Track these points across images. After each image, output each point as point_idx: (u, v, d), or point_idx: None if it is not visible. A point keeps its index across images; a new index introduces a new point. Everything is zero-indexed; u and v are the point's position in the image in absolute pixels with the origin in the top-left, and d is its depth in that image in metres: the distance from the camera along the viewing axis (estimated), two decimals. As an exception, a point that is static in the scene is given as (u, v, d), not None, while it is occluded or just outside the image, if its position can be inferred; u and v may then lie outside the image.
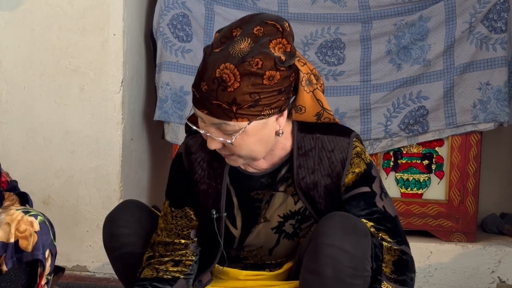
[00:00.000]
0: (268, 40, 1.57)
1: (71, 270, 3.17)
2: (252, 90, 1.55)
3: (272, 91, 1.58)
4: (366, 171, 1.77)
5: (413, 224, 3.22)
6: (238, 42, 1.57)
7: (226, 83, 1.54)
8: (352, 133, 1.79)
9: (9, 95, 3.17)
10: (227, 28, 1.63)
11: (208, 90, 1.56)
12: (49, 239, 1.92)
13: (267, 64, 1.55)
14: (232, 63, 1.54)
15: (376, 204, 1.76)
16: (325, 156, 1.76)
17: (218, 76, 1.55)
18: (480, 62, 3.08)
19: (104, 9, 3.10)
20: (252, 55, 1.54)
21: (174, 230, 1.87)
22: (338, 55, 3.23)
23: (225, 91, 1.54)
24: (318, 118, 1.77)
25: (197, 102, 1.61)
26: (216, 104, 1.56)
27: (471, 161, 3.15)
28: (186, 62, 3.23)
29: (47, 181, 3.17)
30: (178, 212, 1.87)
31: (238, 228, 1.85)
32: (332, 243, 1.62)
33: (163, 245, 1.88)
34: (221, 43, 1.59)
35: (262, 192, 1.81)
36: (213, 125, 1.61)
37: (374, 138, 3.18)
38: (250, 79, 1.54)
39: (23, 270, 1.90)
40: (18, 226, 1.85)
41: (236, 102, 1.55)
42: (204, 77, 1.57)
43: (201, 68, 1.59)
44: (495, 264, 3.04)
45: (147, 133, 3.50)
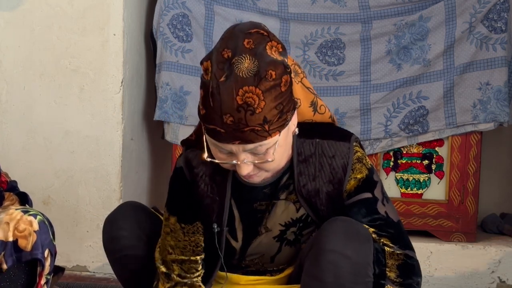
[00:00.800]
0: (263, 49, 1.55)
1: (71, 270, 3.17)
2: (277, 102, 1.53)
3: (288, 94, 1.57)
4: (368, 177, 1.75)
5: (413, 224, 3.22)
6: (240, 62, 1.53)
7: (253, 106, 1.50)
8: (351, 137, 1.78)
9: (9, 95, 3.17)
10: (215, 54, 1.57)
11: (235, 121, 1.51)
12: (48, 239, 1.92)
13: (279, 72, 1.54)
14: (251, 85, 1.51)
15: (378, 210, 1.74)
16: (325, 162, 1.74)
17: (242, 103, 1.50)
18: (480, 62, 3.08)
19: (104, 9, 3.10)
20: (263, 69, 1.52)
21: (189, 247, 1.85)
22: (338, 55, 3.23)
23: (254, 114, 1.51)
24: (314, 109, 1.75)
25: (223, 137, 1.55)
26: (248, 130, 1.52)
27: (471, 161, 3.15)
28: (186, 62, 3.24)
29: (47, 181, 3.17)
30: (190, 228, 1.84)
31: (239, 241, 1.84)
32: (333, 248, 1.61)
33: (178, 263, 1.85)
34: (221, 70, 1.54)
35: (264, 203, 1.80)
36: (245, 151, 1.58)
37: (374, 138, 3.18)
38: (271, 93, 1.52)
39: (23, 269, 1.90)
40: (17, 226, 1.86)
41: (267, 120, 1.53)
42: (224, 109, 1.51)
43: (215, 102, 1.52)
44: (495, 264, 3.04)
45: (147, 133, 3.50)
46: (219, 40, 1.60)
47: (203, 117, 1.57)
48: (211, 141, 1.59)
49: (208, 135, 1.59)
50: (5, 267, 1.85)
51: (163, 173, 3.60)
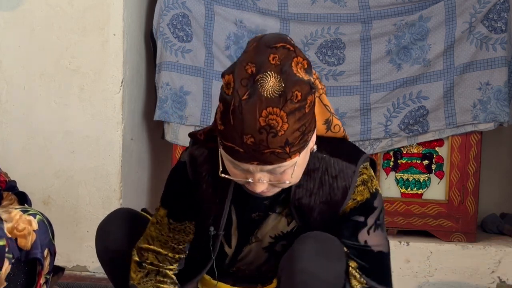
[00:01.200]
0: (289, 66, 1.48)
1: (71, 270, 3.17)
2: (300, 124, 1.48)
3: (311, 115, 1.52)
4: (368, 201, 1.70)
5: (413, 224, 3.22)
6: (265, 80, 1.45)
7: (275, 128, 1.44)
8: (360, 158, 1.71)
9: (9, 95, 3.17)
10: (238, 67, 1.50)
11: (256, 142, 1.45)
12: (48, 238, 1.92)
13: (304, 92, 1.47)
14: (276, 106, 1.44)
15: (358, 237, 1.70)
16: (327, 181, 1.70)
17: (264, 125, 1.44)
18: (480, 62, 3.08)
19: (104, 9, 3.10)
20: (289, 90, 1.45)
21: (170, 243, 1.83)
22: (338, 55, 3.23)
23: (276, 137, 1.45)
24: (328, 127, 1.70)
25: (242, 156, 1.50)
26: (268, 152, 1.47)
27: (471, 161, 3.15)
28: (186, 62, 3.24)
29: (47, 181, 3.17)
30: (177, 225, 1.82)
31: (232, 247, 1.82)
32: (304, 269, 1.60)
33: (154, 253, 1.84)
34: (244, 87, 1.46)
35: (262, 214, 1.77)
36: (263, 171, 1.53)
37: (374, 138, 3.18)
38: (295, 115, 1.46)
39: (22, 269, 1.90)
40: (17, 225, 1.86)
41: (289, 142, 1.47)
42: (245, 129, 1.45)
43: (236, 120, 1.46)
44: (495, 264, 3.04)
45: (147, 133, 3.50)
46: (243, 52, 1.54)
47: (221, 133, 1.51)
48: (227, 157, 1.54)
49: (225, 151, 1.53)
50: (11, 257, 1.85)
51: (163, 173, 3.59)
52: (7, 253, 1.80)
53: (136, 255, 1.86)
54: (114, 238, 1.91)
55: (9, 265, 1.81)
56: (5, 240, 1.78)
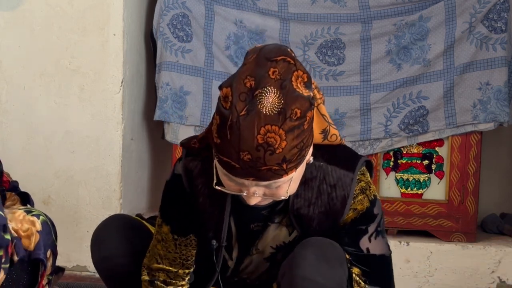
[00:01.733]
0: (290, 81, 1.44)
1: (71, 270, 3.17)
2: (298, 141, 1.45)
3: (309, 130, 1.50)
4: (368, 209, 1.69)
5: (413, 224, 3.22)
6: (264, 96, 1.42)
7: (273, 146, 1.42)
8: (357, 165, 1.69)
9: (9, 95, 3.16)
10: (237, 80, 1.46)
11: (252, 159, 1.43)
12: (51, 239, 1.92)
13: (304, 109, 1.45)
14: (274, 124, 1.41)
15: (359, 245, 1.70)
16: (325, 190, 1.68)
17: (262, 142, 1.41)
18: (480, 62, 3.08)
19: (104, 9, 3.10)
20: (289, 107, 1.42)
21: (179, 260, 1.82)
22: (338, 55, 3.23)
23: (274, 154, 1.43)
24: (324, 136, 1.67)
25: (238, 172, 1.47)
26: (265, 169, 1.44)
27: (471, 161, 3.15)
28: (186, 62, 3.23)
29: (47, 181, 3.17)
30: (183, 240, 1.80)
31: (234, 259, 1.82)
32: (304, 275, 1.59)
33: (165, 272, 1.83)
34: (242, 101, 1.43)
35: (261, 224, 1.75)
36: (258, 186, 1.51)
37: (374, 138, 3.18)
38: (294, 132, 1.44)
39: (25, 269, 1.90)
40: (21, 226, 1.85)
41: (286, 159, 1.45)
42: (242, 146, 1.42)
43: (233, 136, 1.43)
44: (495, 264, 3.04)
45: (147, 133, 3.50)
46: (242, 64, 1.50)
47: (217, 146, 1.48)
48: (222, 170, 1.51)
49: (220, 165, 1.50)
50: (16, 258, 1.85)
51: (163, 173, 3.60)
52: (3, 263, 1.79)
53: (147, 275, 1.84)
54: (108, 247, 1.89)
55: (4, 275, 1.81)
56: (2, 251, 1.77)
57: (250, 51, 1.53)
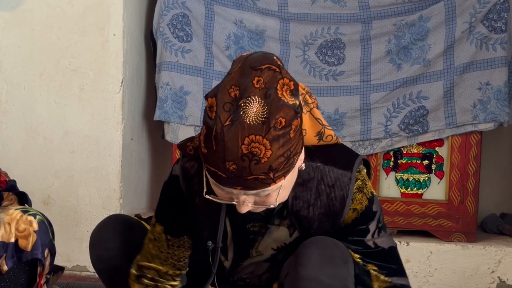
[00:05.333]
0: (275, 89, 1.43)
1: (71, 270, 3.17)
2: (284, 150, 1.44)
3: (297, 138, 1.48)
4: (368, 208, 1.70)
5: (413, 224, 3.22)
6: (248, 105, 1.42)
7: (258, 156, 1.41)
8: (355, 163, 1.69)
9: (9, 95, 3.17)
10: (221, 90, 1.46)
11: (238, 169, 1.43)
12: (48, 239, 1.92)
13: (289, 118, 1.44)
14: (258, 134, 1.41)
15: (366, 242, 1.70)
16: (324, 191, 1.67)
17: (247, 153, 1.41)
18: (480, 62, 3.08)
19: (104, 9, 3.11)
20: (273, 117, 1.41)
21: (170, 260, 1.81)
22: (338, 55, 3.23)
23: (259, 164, 1.42)
24: (320, 138, 1.67)
25: (225, 181, 1.47)
26: (251, 179, 1.44)
27: (471, 161, 3.15)
28: (186, 62, 3.24)
29: (47, 181, 3.17)
30: (176, 241, 1.79)
31: (229, 260, 1.81)
32: (309, 276, 1.58)
33: (155, 271, 1.81)
34: (227, 112, 1.43)
35: (257, 225, 1.74)
36: (247, 195, 1.50)
37: (374, 138, 3.18)
38: (279, 141, 1.43)
39: (23, 269, 1.91)
40: (18, 226, 1.86)
41: (273, 168, 1.44)
42: (227, 156, 1.42)
43: (218, 146, 1.43)
44: (495, 264, 3.04)
45: (147, 133, 3.50)
46: (227, 74, 1.50)
47: (204, 156, 1.49)
48: (211, 180, 1.52)
49: (208, 174, 1.51)
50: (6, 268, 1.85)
51: (163, 173, 3.60)
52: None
53: (136, 270, 1.83)
54: (107, 247, 1.89)
55: None
56: None
57: (235, 60, 1.52)
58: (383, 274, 1.69)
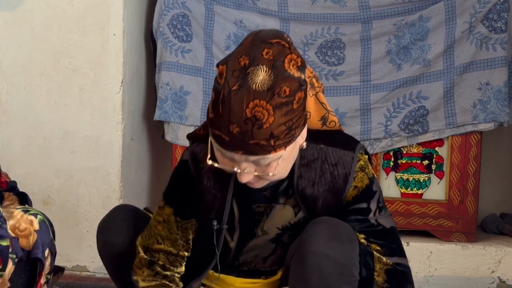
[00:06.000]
0: (282, 62, 1.52)
1: (71, 270, 3.17)
2: (286, 119, 1.51)
3: (300, 111, 1.55)
4: (368, 186, 1.76)
5: (413, 224, 3.22)
6: (255, 73, 1.50)
7: (261, 120, 1.48)
8: (357, 146, 1.77)
9: (9, 95, 3.16)
10: (232, 59, 1.54)
11: (241, 132, 1.50)
12: (49, 238, 1.92)
13: (294, 88, 1.51)
14: (262, 99, 1.48)
15: (369, 220, 1.75)
16: (327, 169, 1.73)
17: (250, 116, 1.48)
18: (480, 62, 3.08)
19: (104, 9, 3.10)
20: (278, 85, 1.49)
21: (180, 241, 1.85)
22: (338, 55, 3.23)
23: (261, 129, 1.49)
24: (323, 123, 1.74)
25: (228, 145, 1.53)
26: (253, 144, 1.51)
27: (471, 161, 3.15)
28: (186, 62, 3.24)
29: (47, 181, 3.17)
30: (184, 223, 1.85)
31: (235, 240, 1.84)
32: (317, 250, 1.62)
33: (165, 254, 1.86)
34: (235, 77, 1.51)
35: (263, 205, 1.79)
36: (248, 161, 1.56)
37: (374, 138, 3.18)
38: (282, 109, 1.50)
39: (23, 268, 1.90)
40: (18, 225, 1.86)
41: (274, 135, 1.51)
42: (232, 119, 1.50)
43: (225, 109, 1.51)
44: (495, 264, 3.04)
45: (147, 133, 3.50)
46: (238, 45, 1.58)
47: (211, 121, 1.56)
48: (216, 145, 1.58)
49: (213, 139, 1.58)
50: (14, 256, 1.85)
51: (163, 173, 3.60)
52: (11, 253, 1.80)
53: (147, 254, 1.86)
54: (115, 232, 1.93)
55: (12, 266, 1.82)
56: (9, 240, 1.79)
57: (248, 35, 1.59)
58: (385, 254, 1.73)
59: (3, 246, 1.79)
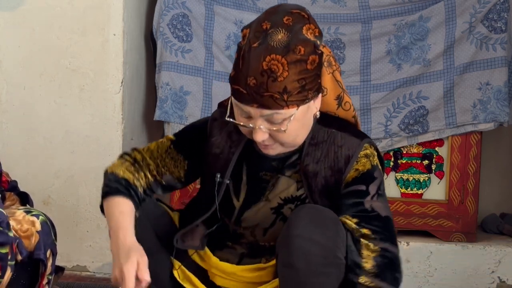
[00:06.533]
0: (300, 27, 1.64)
1: (71, 270, 3.17)
2: (300, 77, 1.62)
3: (314, 75, 1.66)
4: (369, 171, 1.79)
5: (413, 224, 3.22)
6: (275, 34, 1.63)
7: (276, 73, 1.60)
8: (366, 138, 1.84)
9: (9, 95, 3.16)
10: (255, 23, 1.68)
11: (257, 84, 1.62)
12: (51, 239, 1.92)
13: (308, 50, 1.63)
14: (278, 54, 1.61)
15: (364, 203, 1.76)
16: (332, 150, 1.80)
17: (266, 69, 1.61)
18: (480, 62, 3.08)
19: (104, 9, 3.10)
20: (294, 44, 1.61)
21: (158, 161, 1.92)
22: (338, 55, 3.23)
23: (276, 82, 1.61)
24: (339, 103, 1.82)
25: (245, 98, 1.66)
26: (267, 96, 1.62)
27: (471, 161, 3.15)
28: (186, 62, 3.23)
29: (47, 181, 3.17)
30: (174, 153, 1.94)
31: (240, 201, 1.89)
32: (300, 234, 1.65)
33: (141, 156, 1.93)
34: (256, 37, 1.64)
35: (270, 174, 1.86)
36: (262, 117, 1.67)
37: (374, 138, 3.17)
38: (296, 66, 1.61)
39: (25, 269, 1.91)
40: (20, 226, 1.86)
41: (287, 90, 1.62)
42: (250, 72, 1.62)
43: (244, 64, 1.64)
44: (495, 264, 3.04)
45: (147, 133, 3.50)
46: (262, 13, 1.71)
47: (231, 79, 1.69)
48: (235, 101, 1.69)
49: (233, 95, 1.70)
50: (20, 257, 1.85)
51: (163, 173, 3.59)
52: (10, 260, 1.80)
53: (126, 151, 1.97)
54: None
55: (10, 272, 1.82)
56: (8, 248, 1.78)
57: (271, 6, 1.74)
58: (375, 240, 1.73)
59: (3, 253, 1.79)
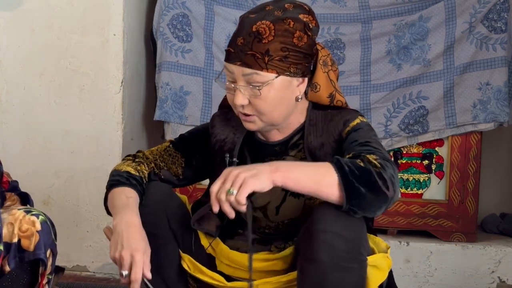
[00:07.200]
0: (298, 12, 1.78)
1: (71, 270, 3.17)
2: (284, 45, 1.74)
3: (299, 52, 1.77)
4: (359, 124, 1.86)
5: (413, 224, 3.22)
6: (273, 11, 1.78)
7: (262, 35, 1.73)
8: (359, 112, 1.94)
9: (9, 95, 3.16)
10: (260, 6, 1.83)
11: (244, 43, 1.75)
12: (51, 239, 1.92)
13: (298, 26, 1.75)
14: (268, 20, 1.75)
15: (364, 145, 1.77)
16: (332, 125, 1.89)
17: (254, 31, 1.74)
18: (480, 62, 3.08)
19: (104, 9, 3.10)
20: (285, 16, 1.75)
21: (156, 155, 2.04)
22: (338, 55, 3.23)
23: (260, 43, 1.73)
24: (331, 100, 1.92)
25: (231, 56, 1.78)
26: (250, 54, 1.74)
27: (471, 161, 3.15)
28: (186, 62, 3.24)
29: (47, 181, 3.17)
30: (172, 150, 2.04)
31: None
32: (325, 228, 1.64)
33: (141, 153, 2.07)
34: (256, 12, 1.80)
35: (275, 159, 1.91)
36: (243, 76, 1.76)
37: (374, 138, 3.18)
38: (283, 35, 1.74)
39: (25, 269, 1.90)
40: (20, 226, 1.86)
41: (269, 53, 1.73)
42: (241, 33, 1.77)
43: (238, 28, 1.80)
44: (495, 264, 3.04)
45: (147, 133, 3.50)
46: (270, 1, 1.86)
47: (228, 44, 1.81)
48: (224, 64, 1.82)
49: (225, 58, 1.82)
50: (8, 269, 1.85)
51: (163, 173, 3.59)
52: None
53: None
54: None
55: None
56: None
57: None
58: (378, 162, 1.69)
59: None
